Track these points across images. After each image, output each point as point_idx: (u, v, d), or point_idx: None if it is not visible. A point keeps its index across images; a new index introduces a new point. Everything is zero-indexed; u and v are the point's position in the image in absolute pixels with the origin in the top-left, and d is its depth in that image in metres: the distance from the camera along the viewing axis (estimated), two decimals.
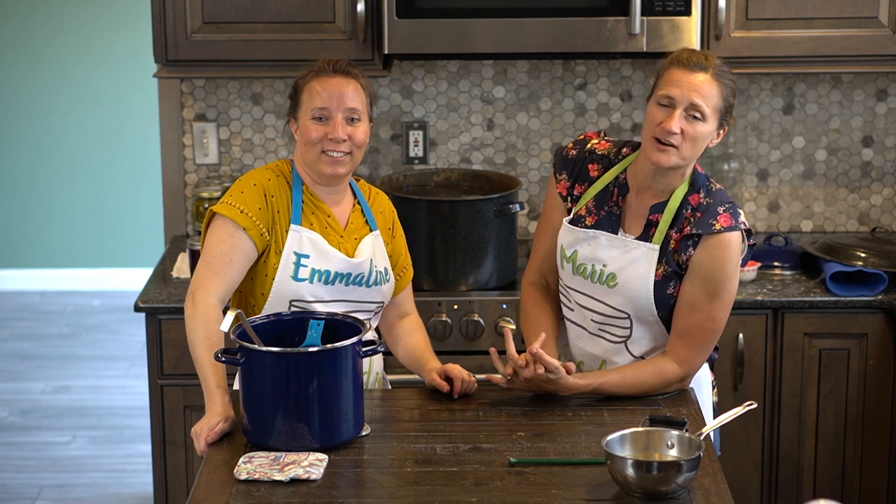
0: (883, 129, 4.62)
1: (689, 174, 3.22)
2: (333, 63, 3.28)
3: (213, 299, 3.16)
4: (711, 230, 3.14)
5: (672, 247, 3.19)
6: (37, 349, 6.71)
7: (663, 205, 3.20)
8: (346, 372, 2.93)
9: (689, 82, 3.11)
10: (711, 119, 3.13)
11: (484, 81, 4.61)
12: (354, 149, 3.25)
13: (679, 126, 3.10)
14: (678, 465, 2.72)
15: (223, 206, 3.23)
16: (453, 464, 2.89)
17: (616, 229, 3.25)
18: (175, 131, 4.64)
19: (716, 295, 3.17)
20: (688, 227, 3.16)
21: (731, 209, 3.17)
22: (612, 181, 3.28)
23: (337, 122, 3.23)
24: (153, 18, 4.19)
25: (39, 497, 5.13)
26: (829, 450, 4.22)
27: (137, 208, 7.50)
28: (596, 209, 3.28)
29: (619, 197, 3.26)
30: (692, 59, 3.14)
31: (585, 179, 3.31)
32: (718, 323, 3.20)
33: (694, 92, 3.10)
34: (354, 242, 3.33)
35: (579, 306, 3.31)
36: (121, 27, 7.32)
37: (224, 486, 2.80)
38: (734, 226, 3.15)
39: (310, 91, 3.26)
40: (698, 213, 3.16)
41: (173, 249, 4.55)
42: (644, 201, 3.23)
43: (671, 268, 3.18)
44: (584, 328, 3.33)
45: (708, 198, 3.18)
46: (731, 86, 3.17)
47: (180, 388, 4.11)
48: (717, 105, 3.13)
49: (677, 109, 3.11)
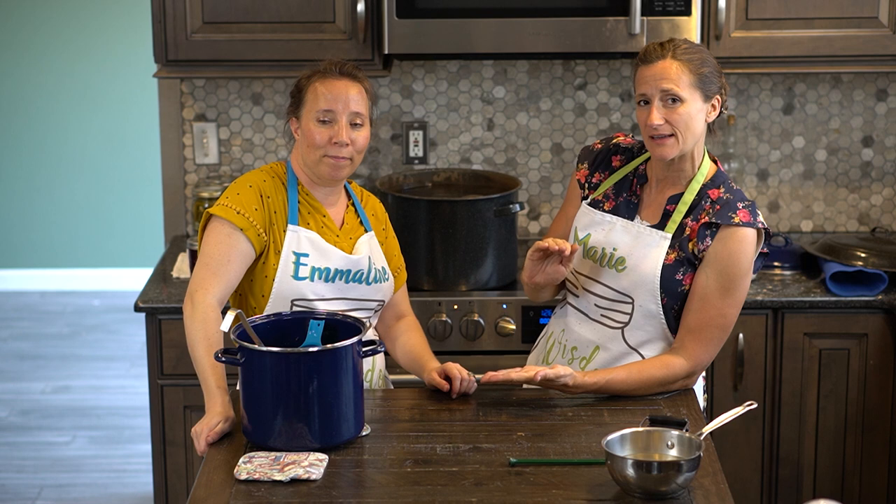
0: (883, 129, 4.62)
1: (705, 166, 3.26)
2: (340, 65, 3.28)
3: (212, 300, 3.16)
4: (730, 222, 3.17)
5: (687, 234, 3.22)
6: (37, 349, 6.71)
7: (680, 195, 3.25)
8: (347, 372, 2.93)
9: (653, 74, 3.18)
10: (690, 96, 3.17)
11: (484, 81, 4.61)
12: (356, 154, 3.27)
13: (661, 117, 3.16)
14: (678, 465, 2.72)
15: (219, 207, 3.23)
16: (453, 464, 2.89)
17: (633, 216, 3.30)
18: (175, 131, 4.64)
19: (728, 291, 3.19)
20: (706, 216, 3.20)
21: (751, 207, 3.21)
22: (633, 171, 3.34)
23: (342, 125, 3.23)
24: (153, 18, 4.19)
25: (39, 497, 5.13)
26: (829, 450, 4.22)
27: (137, 208, 7.50)
28: (615, 196, 3.34)
29: (637, 186, 3.32)
30: (649, 53, 3.21)
31: (607, 168, 3.38)
32: (729, 320, 3.22)
33: (659, 81, 3.17)
34: (350, 242, 3.34)
35: (585, 291, 3.33)
36: (121, 27, 7.32)
37: (224, 486, 2.80)
38: (752, 223, 3.18)
39: (314, 92, 3.26)
40: (717, 206, 3.20)
41: (173, 249, 4.55)
42: (663, 192, 3.29)
43: (684, 254, 3.21)
44: (586, 314, 3.34)
45: (728, 194, 3.23)
46: (699, 56, 3.20)
47: (180, 388, 4.11)
48: (690, 81, 3.17)
49: (653, 103, 3.17)
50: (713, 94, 3.20)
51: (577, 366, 3.35)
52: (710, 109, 3.21)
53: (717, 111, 3.23)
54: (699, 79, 3.18)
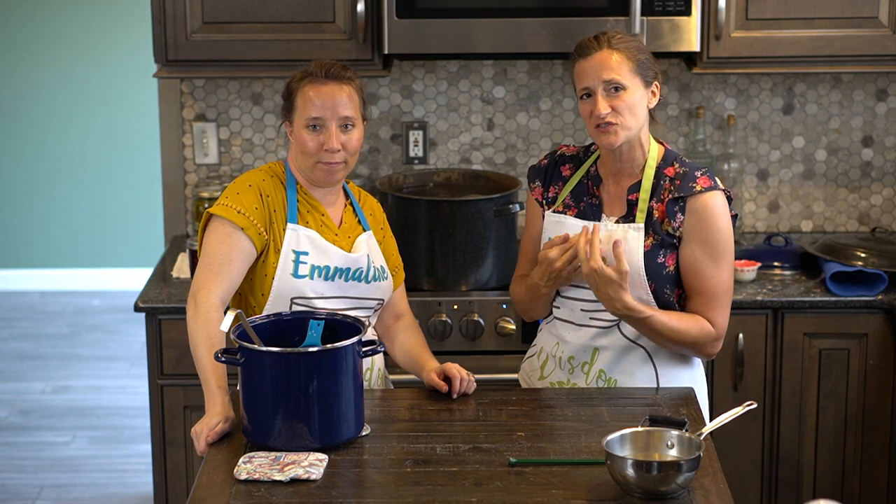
0: (883, 129, 4.62)
1: (654, 150, 3.29)
2: (326, 68, 3.27)
3: (215, 300, 3.16)
4: (694, 191, 3.22)
5: (657, 217, 3.24)
6: (37, 349, 6.71)
7: (639, 183, 3.28)
8: (346, 372, 2.93)
9: (591, 66, 3.21)
10: (632, 83, 3.20)
11: (484, 81, 4.61)
12: (348, 157, 3.28)
13: (606, 106, 3.19)
14: (678, 465, 2.73)
15: (219, 207, 3.24)
16: (453, 464, 2.89)
17: (599, 217, 3.31)
18: (175, 131, 4.64)
19: (718, 256, 3.24)
20: (668, 195, 3.24)
21: (708, 172, 3.26)
22: (585, 175, 3.36)
23: (332, 131, 3.24)
24: (153, 18, 4.19)
25: (39, 497, 5.13)
26: (829, 450, 4.22)
27: (137, 208, 7.50)
28: (575, 203, 3.35)
29: (594, 187, 3.34)
30: (585, 46, 3.24)
31: (559, 179, 3.39)
32: (729, 283, 3.28)
33: (599, 71, 3.20)
34: (349, 241, 3.34)
35: (567, 299, 3.33)
36: (121, 27, 7.32)
37: (224, 486, 2.80)
38: (714, 186, 3.23)
39: (304, 97, 3.26)
40: (677, 181, 3.25)
41: (173, 249, 4.55)
42: (620, 185, 3.31)
43: (660, 236, 3.24)
44: (571, 321, 3.35)
45: (683, 167, 3.28)
46: (635, 44, 3.24)
47: (180, 388, 4.11)
48: (629, 68, 3.20)
49: (597, 94, 3.20)
50: (651, 80, 3.25)
51: (579, 373, 3.35)
52: (651, 96, 3.26)
53: (656, 97, 3.27)
54: (637, 65, 3.22)
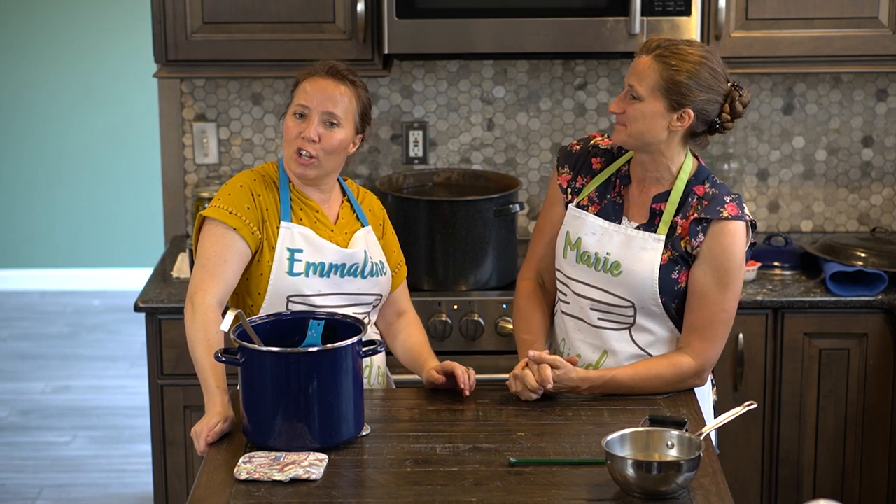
0: (883, 129, 4.62)
1: (688, 164, 3.25)
2: (331, 66, 3.27)
3: (212, 301, 3.16)
4: (720, 216, 3.18)
5: (679, 233, 3.22)
6: (37, 349, 6.71)
7: (666, 194, 3.25)
8: (346, 372, 2.93)
9: (633, 65, 3.20)
10: (649, 98, 3.15)
11: (484, 81, 4.61)
12: (322, 153, 3.24)
13: (618, 105, 3.21)
14: (678, 465, 2.72)
15: (212, 209, 3.24)
16: (453, 464, 2.89)
17: (619, 218, 3.29)
18: (175, 131, 4.64)
19: (726, 285, 3.20)
20: (694, 213, 3.20)
21: (737, 200, 3.22)
22: (615, 173, 3.33)
23: (312, 121, 3.23)
24: (153, 18, 4.19)
25: (39, 497, 5.13)
26: (829, 450, 4.22)
27: (137, 208, 7.50)
28: (599, 199, 3.32)
29: (621, 187, 3.31)
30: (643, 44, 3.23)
31: (588, 172, 3.36)
32: (730, 314, 3.23)
33: (630, 74, 3.20)
34: (346, 237, 3.33)
35: (578, 296, 3.32)
36: (121, 27, 7.32)
37: (224, 486, 2.80)
38: (741, 216, 3.19)
39: (301, 89, 3.28)
40: (705, 202, 3.21)
41: (173, 249, 4.55)
42: (647, 191, 3.28)
43: (678, 252, 3.22)
44: (583, 319, 3.33)
45: (714, 189, 3.23)
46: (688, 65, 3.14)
47: (180, 388, 4.11)
48: (654, 83, 3.14)
49: (623, 91, 3.22)
50: (684, 106, 3.14)
51: None
52: (675, 120, 3.16)
53: (683, 125, 3.17)
54: (667, 83, 3.13)
